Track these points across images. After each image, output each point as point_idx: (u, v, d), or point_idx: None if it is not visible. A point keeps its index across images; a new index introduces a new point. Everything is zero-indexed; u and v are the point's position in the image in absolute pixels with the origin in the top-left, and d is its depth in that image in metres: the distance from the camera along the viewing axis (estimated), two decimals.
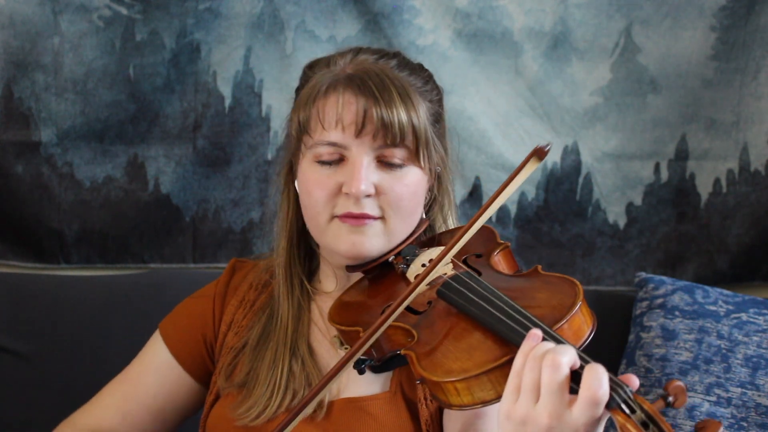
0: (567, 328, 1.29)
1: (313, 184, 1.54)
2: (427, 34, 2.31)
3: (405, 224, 1.56)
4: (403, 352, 1.38)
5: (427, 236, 1.64)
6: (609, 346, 2.23)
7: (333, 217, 1.54)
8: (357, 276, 1.59)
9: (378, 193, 1.53)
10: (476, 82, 2.34)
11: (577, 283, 1.35)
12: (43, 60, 2.23)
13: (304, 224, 1.61)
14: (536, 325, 1.27)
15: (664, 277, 2.23)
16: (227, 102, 2.30)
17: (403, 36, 2.29)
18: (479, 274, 1.46)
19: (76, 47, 2.24)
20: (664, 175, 2.38)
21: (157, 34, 2.26)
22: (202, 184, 2.32)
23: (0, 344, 2.15)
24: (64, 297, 2.20)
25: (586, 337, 1.31)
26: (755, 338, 2.11)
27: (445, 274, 1.43)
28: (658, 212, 2.39)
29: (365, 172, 1.51)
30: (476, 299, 1.36)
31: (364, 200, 1.52)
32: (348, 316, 1.50)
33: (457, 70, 2.32)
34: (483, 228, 1.53)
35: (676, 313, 2.15)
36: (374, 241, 1.53)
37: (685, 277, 2.36)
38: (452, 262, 1.47)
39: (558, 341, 1.25)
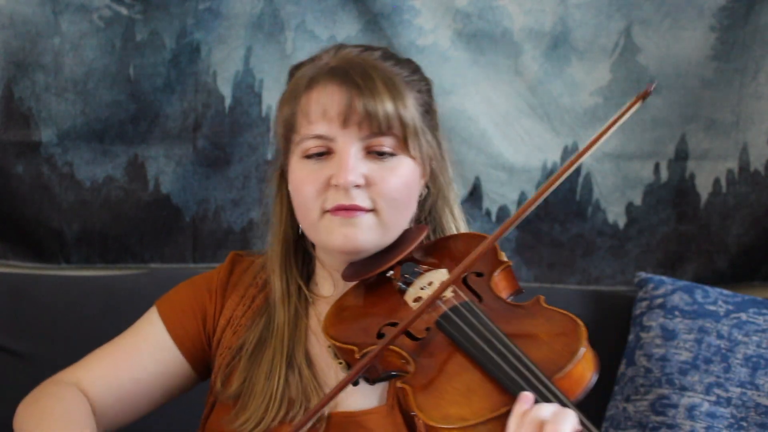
0: (568, 376, 1.27)
1: (303, 180, 1.52)
2: (427, 34, 2.31)
3: (399, 217, 1.53)
4: (399, 384, 1.35)
5: (431, 239, 1.61)
6: (609, 346, 2.23)
7: (324, 212, 1.51)
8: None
9: (368, 184, 1.50)
10: (476, 82, 2.34)
11: (581, 323, 1.32)
12: (43, 60, 2.23)
13: (299, 228, 1.59)
14: (534, 375, 1.25)
15: (663, 277, 2.23)
16: (227, 102, 2.30)
17: (403, 36, 2.30)
18: (480, 298, 1.43)
19: (76, 47, 2.24)
20: (664, 175, 2.38)
21: (157, 34, 2.26)
22: (203, 184, 2.32)
23: (0, 344, 2.15)
24: (64, 297, 2.20)
25: (587, 385, 1.28)
26: (755, 338, 2.11)
27: (445, 297, 1.41)
28: (657, 212, 2.39)
29: (353, 162, 1.49)
30: (475, 338, 1.33)
31: (353, 191, 1.49)
32: (343, 331, 1.47)
33: (457, 70, 2.33)
34: (482, 239, 1.50)
35: (676, 312, 2.15)
36: (368, 234, 1.50)
37: (685, 277, 2.36)
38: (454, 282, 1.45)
39: (557, 397, 1.23)
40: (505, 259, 1.49)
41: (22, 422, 1.57)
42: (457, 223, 1.64)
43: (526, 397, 1.22)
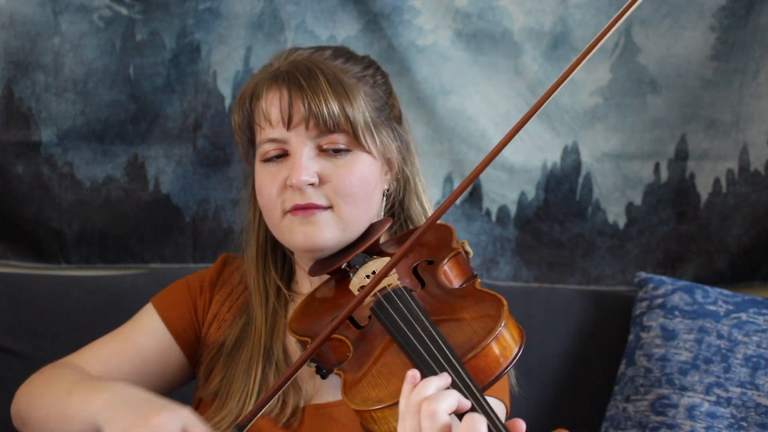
0: (483, 355, 1.28)
1: (263, 183, 1.57)
2: (427, 34, 2.31)
3: (358, 212, 1.55)
4: (336, 371, 1.38)
5: (402, 231, 1.64)
6: (609, 346, 2.23)
7: (285, 212, 1.55)
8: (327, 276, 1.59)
9: (322, 181, 1.53)
10: (476, 82, 2.34)
11: (504, 303, 1.33)
12: (43, 60, 2.23)
13: None
14: (444, 355, 1.26)
15: (663, 277, 2.23)
16: (227, 102, 2.30)
17: (403, 36, 2.30)
18: (423, 285, 1.45)
19: (76, 47, 2.24)
20: (664, 175, 2.38)
21: (157, 34, 2.26)
22: (203, 184, 2.32)
23: (0, 344, 2.15)
24: (64, 297, 2.20)
25: (507, 361, 1.30)
26: (755, 338, 2.11)
27: (389, 285, 1.42)
28: (658, 212, 2.39)
29: (305, 162, 1.52)
30: (399, 322, 1.35)
31: (308, 190, 1.53)
32: (302, 324, 1.50)
33: (457, 70, 2.33)
34: (441, 227, 1.53)
35: (676, 312, 2.15)
36: (327, 231, 1.54)
37: (685, 277, 2.36)
38: (401, 270, 1.46)
39: (459, 376, 1.24)
40: (456, 246, 1.50)
41: (28, 394, 1.60)
42: (426, 213, 1.67)
43: (411, 376, 1.24)
